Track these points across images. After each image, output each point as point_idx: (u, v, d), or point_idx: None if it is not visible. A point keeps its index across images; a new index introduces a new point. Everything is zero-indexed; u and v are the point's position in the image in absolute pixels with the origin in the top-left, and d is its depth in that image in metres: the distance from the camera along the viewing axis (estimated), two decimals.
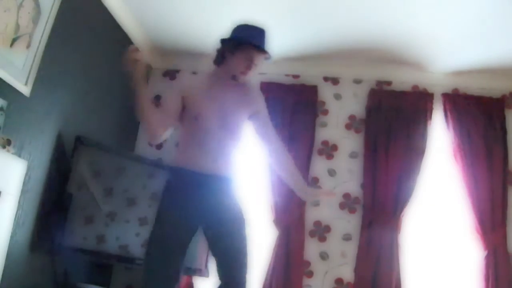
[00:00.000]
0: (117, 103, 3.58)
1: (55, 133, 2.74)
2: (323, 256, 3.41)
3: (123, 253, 3.07)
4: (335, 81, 3.81)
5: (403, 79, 3.72)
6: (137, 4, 3.28)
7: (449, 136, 3.44)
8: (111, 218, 3.03)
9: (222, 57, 2.06)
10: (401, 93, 3.63)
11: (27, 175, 2.44)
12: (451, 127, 3.45)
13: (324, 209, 3.49)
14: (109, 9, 3.20)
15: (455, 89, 3.63)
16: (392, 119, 3.52)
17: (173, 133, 2.12)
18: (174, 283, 1.88)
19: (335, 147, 3.65)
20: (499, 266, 3.08)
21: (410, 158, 3.39)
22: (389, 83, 3.74)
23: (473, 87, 3.60)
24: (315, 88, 3.75)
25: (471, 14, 2.90)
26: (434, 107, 3.55)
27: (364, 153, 3.53)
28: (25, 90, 2.41)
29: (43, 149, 2.64)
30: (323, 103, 3.76)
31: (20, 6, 2.31)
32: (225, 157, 2.00)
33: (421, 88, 3.68)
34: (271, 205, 3.42)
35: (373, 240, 3.27)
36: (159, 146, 3.85)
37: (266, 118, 2.17)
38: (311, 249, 3.42)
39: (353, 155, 3.60)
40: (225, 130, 2.00)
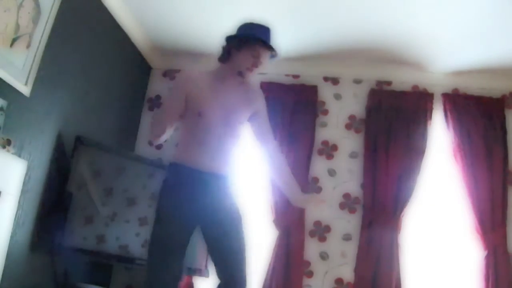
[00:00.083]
0: (117, 103, 3.58)
1: (55, 133, 2.74)
2: (323, 256, 3.41)
3: (123, 253, 3.07)
4: (335, 81, 3.81)
5: (403, 79, 3.72)
6: (137, 4, 3.28)
7: (449, 136, 3.44)
8: (111, 218, 3.03)
9: (227, 54, 2.05)
10: (401, 93, 3.63)
11: (27, 175, 2.44)
12: (451, 127, 3.45)
13: (324, 209, 3.49)
14: (109, 9, 3.20)
15: (455, 89, 3.63)
16: (392, 119, 3.52)
17: (173, 133, 2.11)
18: (175, 282, 1.89)
19: (335, 147, 3.65)
20: (499, 266, 3.08)
21: (410, 158, 3.39)
22: (389, 83, 3.74)
23: (473, 87, 3.60)
24: (315, 88, 3.75)
25: (471, 14, 2.90)
26: (434, 107, 3.55)
27: (364, 153, 3.53)
28: (25, 90, 2.40)
29: (43, 149, 2.64)
30: (323, 103, 3.76)
31: (20, 6, 2.30)
32: (225, 155, 2.00)
33: (421, 88, 3.68)
34: (271, 205, 3.42)
35: (373, 240, 3.27)
36: (159, 146, 3.85)
37: (265, 119, 2.16)
38: (311, 249, 3.42)
39: (353, 155, 3.60)
40: (227, 127, 2.00)
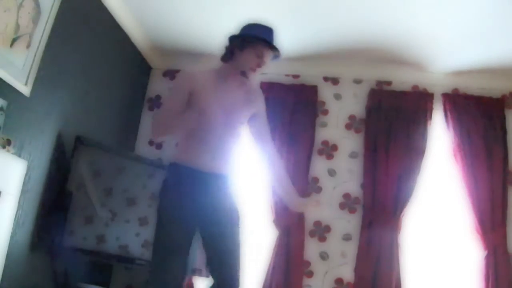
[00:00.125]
0: (117, 103, 3.58)
1: (55, 133, 2.74)
2: (323, 256, 3.41)
3: (123, 253, 3.07)
4: (335, 81, 3.81)
5: (403, 79, 3.72)
6: (137, 4, 3.28)
7: (449, 136, 3.44)
8: (111, 218, 3.03)
9: (230, 53, 2.06)
10: (401, 93, 3.63)
11: (27, 175, 2.44)
12: (451, 127, 3.45)
13: (324, 209, 3.49)
14: (109, 9, 3.20)
15: (455, 89, 3.63)
16: (392, 119, 3.52)
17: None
18: (179, 283, 1.89)
19: (335, 147, 3.65)
20: (499, 266, 3.08)
21: (410, 158, 3.39)
22: (389, 83, 3.74)
23: (473, 87, 3.60)
24: (315, 88, 3.75)
25: (471, 14, 2.90)
26: (434, 107, 3.55)
27: (364, 153, 3.53)
28: (25, 90, 2.40)
29: (43, 149, 2.64)
30: (323, 103, 3.76)
31: (20, 6, 2.30)
32: (225, 155, 2.00)
33: (421, 88, 3.68)
34: (271, 205, 3.42)
35: (373, 240, 3.27)
36: (159, 146, 3.85)
37: (264, 121, 2.17)
38: (311, 249, 3.42)
39: (353, 155, 3.60)
40: (227, 127, 2.00)
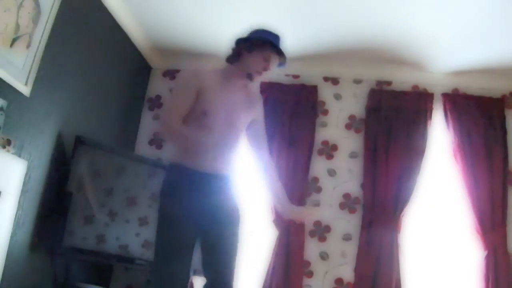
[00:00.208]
0: (117, 103, 3.58)
1: (55, 133, 2.74)
2: (323, 256, 3.41)
3: (123, 253, 3.07)
4: (335, 81, 3.81)
5: (403, 79, 3.72)
6: (137, 4, 3.28)
7: (449, 136, 3.44)
8: (111, 218, 3.03)
9: (237, 55, 2.06)
10: (401, 93, 3.63)
11: (27, 175, 2.44)
12: (451, 127, 3.45)
13: (324, 209, 3.49)
14: (109, 9, 3.20)
15: (455, 89, 3.63)
16: (392, 119, 3.52)
17: None
18: (182, 284, 1.89)
19: (335, 147, 3.65)
20: (499, 266, 3.08)
21: (410, 158, 3.39)
22: (389, 83, 3.74)
23: (473, 87, 3.60)
24: (315, 88, 3.75)
25: (471, 14, 2.90)
26: (434, 107, 3.55)
27: (364, 153, 3.52)
28: (25, 90, 2.40)
29: (43, 149, 2.64)
30: (323, 103, 3.76)
31: (20, 6, 2.30)
32: (226, 155, 2.00)
33: (421, 88, 3.68)
34: (271, 205, 3.42)
35: (373, 240, 3.27)
36: (159, 146, 3.85)
37: (262, 128, 2.18)
38: (311, 249, 3.42)
39: (353, 155, 3.60)
40: (229, 128, 2.00)
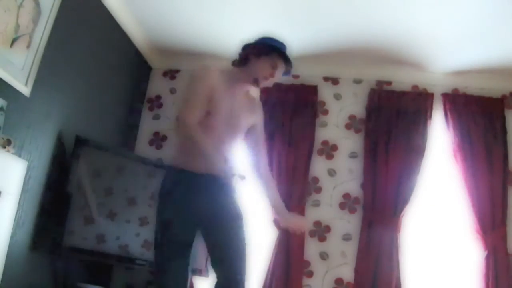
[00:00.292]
0: (117, 103, 3.58)
1: (55, 133, 2.74)
2: (323, 256, 3.41)
3: (123, 253, 3.07)
4: (335, 81, 3.81)
5: (403, 79, 3.71)
6: (137, 4, 3.28)
7: (449, 136, 3.44)
8: (111, 218, 3.03)
9: (245, 59, 2.08)
10: (401, 93, 3.63)
11: (27, 175, 2.45)
12: (451, 127, 3.45)
13: (324, 209, 3.50)
14: (109, 9, 3.20)
15: (455, 89, 3.63)
16: (392, 119, 3.52)
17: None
18: (183, 283, 1.89)
19: (335, 147, 3.65)
20: (499, 266, 3.08)
21: (410, 158, 3.39)
22: (389, 83, 3.73)
23: (473, 87, 3.60)
24: (315, 88, 3.74)
25: (471, 14, 2.90)
26: (434, 107, 3.55)
27: (364, 153, 3.52)
28: (25, 90, 2.41)
29: (43, 149, 2.64)
30: (323, 103, 3.76)
31: (20, 6, 2.30)
32: (227, 156, 2.01)
33: (421, 88, 3.68)
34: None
35: (373, 240, 3.27)
36: (159, 146, 3.85)
37: (261, 134, 2.20)
38: (311, 249, 3.42)
39: (353, 155, 3.60)
40: (231, 129, 2.02)
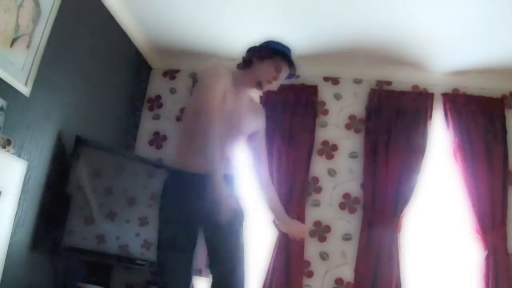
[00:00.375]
0: (117, 103, 3.58)
1: (55, 133, 2.74)
2: (323, 256, 3.41)
3: (123, 253, 3.07)
4: (335, 81, 3.81)
5: (403, 79, 3.71)
6: (137, 4, 3.28)
7: (449, 136, 3.44)
8: (111, 218, 3.03)
9: (249, 62, 2.09)
10: (401, 93, 3.63)
11: (27, 175, 2.45)
12: (451, 127, 3.45)
13: (324, 209, 3.50)
14: (109, 9, 3.20)
15: (455, 89, 3.63)
16: (392, 119, 3.52)
17: (175, 133, 2.11)
18: (185, 283, 1.90)
19: (335, 147, 3.65)
20: (499, 266, 3.08)
21: (410, 158, 3.39)
22: (389, 83, 3.74)
23: (473, 87, 3.60)
24: (315, 88, 3.74)
25: (471, 14, 2.90)
26: (434, 107, 3.55)
27: (364, 153, 3.52)
28: (25, 90, 2.40)
29: (43, 149, 2.64)
30: (323, 103, 3.76)
31: (20, 6, 2.30)
32: (227, 156, 2.00)
33: (421, 88, 3.68)
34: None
35: (373, 240, 3.27)
36: (159, 146, 3.85)
37: (262, 140, 2.20)
38: (311, 249, 3.42)
39: (353, 155, 3.60)
40: (233, 130, 2.02)
